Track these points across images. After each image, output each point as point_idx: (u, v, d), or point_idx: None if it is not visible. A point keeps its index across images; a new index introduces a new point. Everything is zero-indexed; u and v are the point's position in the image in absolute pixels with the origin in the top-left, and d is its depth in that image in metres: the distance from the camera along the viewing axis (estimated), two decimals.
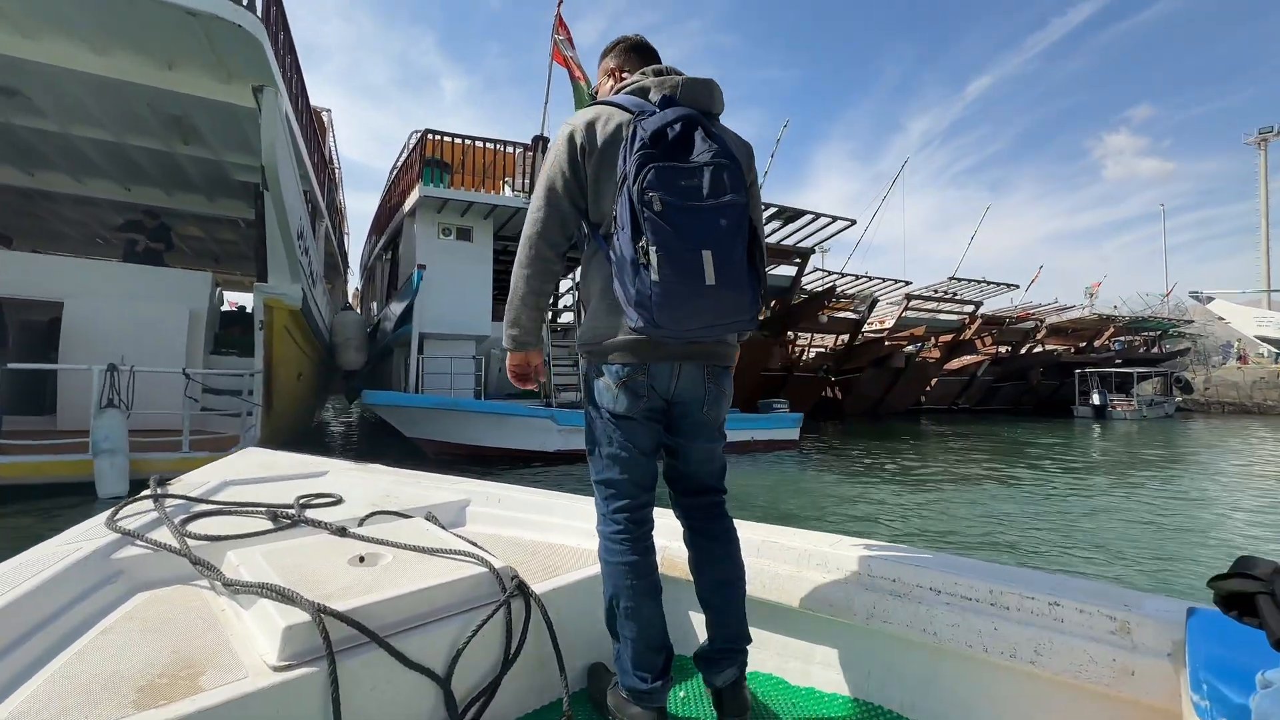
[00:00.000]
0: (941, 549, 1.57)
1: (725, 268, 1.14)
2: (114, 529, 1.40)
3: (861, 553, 1.44)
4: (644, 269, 1.12)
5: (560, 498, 1.98)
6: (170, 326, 8.35)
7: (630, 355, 1.26)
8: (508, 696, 1.28)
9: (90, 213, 11.91)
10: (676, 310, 1.14)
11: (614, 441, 1.30)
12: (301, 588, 1.10)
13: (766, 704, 1.41)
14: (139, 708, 0.87)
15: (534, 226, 1.30)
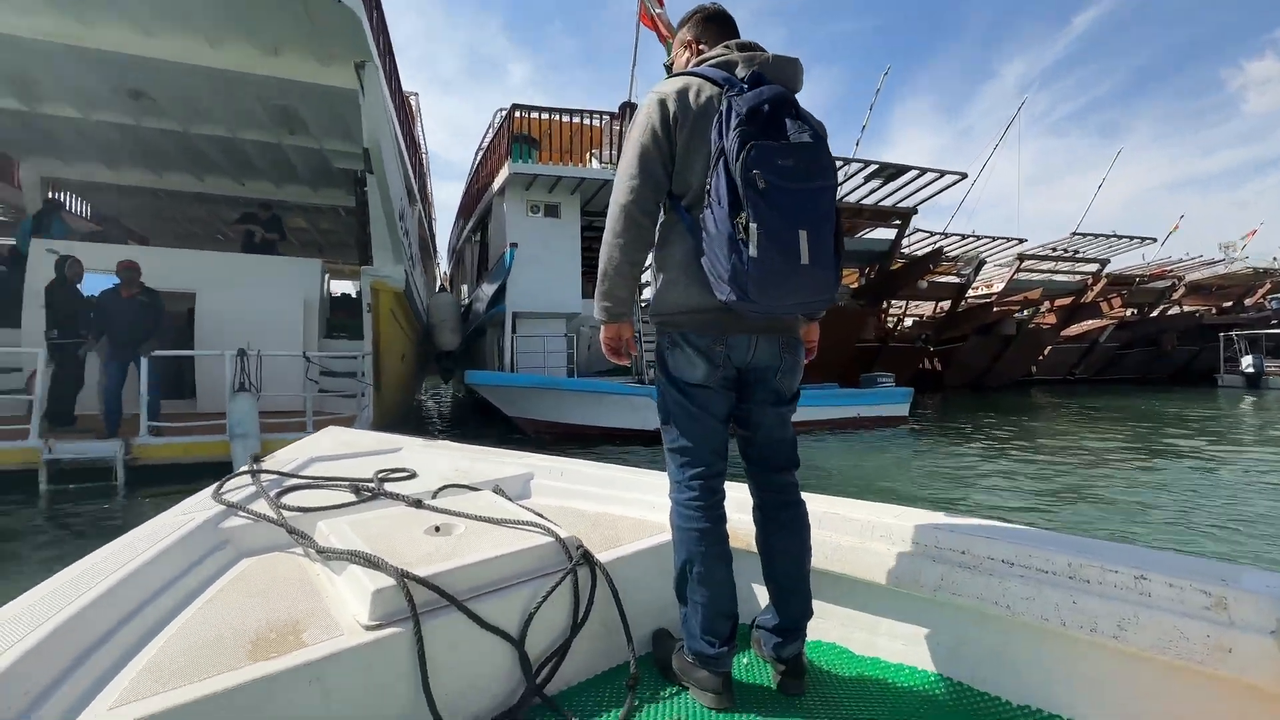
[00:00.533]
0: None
1: (817, 249, 1.17)
2: (219, 501, 1.57)
3: (928, 524, 1.42)
4: (742, 245, 1.14)
5: (620, 471, 2.04)
6: (288, 312, 8.72)
7: (710, 327, 1.29)
8: (577, 659, 1.35)
9: (211, 210, 12.72)
10: (772, 287, 1.16)
11: (688, 411, 1.33)
12: (385, 555, 1.20)
13: (830, 672, 1.43)
14: (254, 659, 0.98)
15: (627, 194, 1.28)
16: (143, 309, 6.41)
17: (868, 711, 1.28)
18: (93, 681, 0.93)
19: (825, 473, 7.55)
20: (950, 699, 1.31)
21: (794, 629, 1.35)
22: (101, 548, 1.27)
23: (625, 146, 1.35)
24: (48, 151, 9.65)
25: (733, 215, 1.15)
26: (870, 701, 1.31)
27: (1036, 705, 1.24)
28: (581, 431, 9.30)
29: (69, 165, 9.99)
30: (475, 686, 1.20)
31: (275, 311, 8.61)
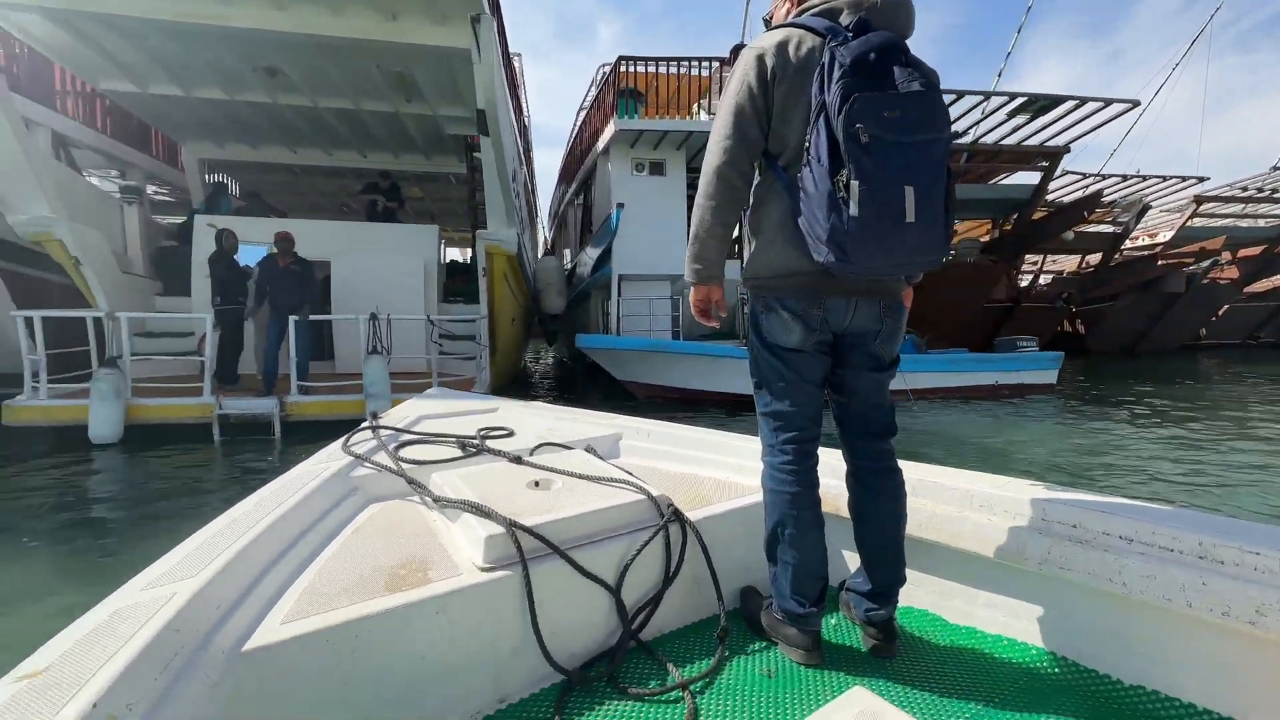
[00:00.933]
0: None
1: (925, 206, 1.12)
2: (348, 453, 1.77)
3: (1033, 496, 1.38)
4: (842, 204, 1.11)
5: (705, 433, 2.09)
6: (410, 277, 9.10)
7: (807, 290, 1.27)
8: (669, 609, 1.43)
9: (339, 183, 13.54)
10: (873, 247, 1.12)
11: (782, 375, 1.33)
12: (493, 505, 1.32)
13: (921, 639, 1.43)
14: (390, 590, 1.15)
15: (721, 156, 1.28)
16: (297, 277, 6.92)
17: (961, 678, 1.27)
18: (264, 602, 1.10)
19: (957, 444, 6.85)
20: (1054, 672, 1.28)
21: (885, 594, 1.35)
22: (256, 492, 1.48)
23: (720, 105, 1.31)
24: (202, 135, 10.61)
25: (833, 173, 1.12)
26: (964, 669, 1.30)
27: (1152, 686, 1.19)
28: (693, 396, 9.08)
29: (220, 147, 10.96)
30: (577, 627, 1.31)
31: (399, 277, 9.04)
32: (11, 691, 0.72)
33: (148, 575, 1.04)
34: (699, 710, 1.18)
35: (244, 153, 11.15)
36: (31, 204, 6.60)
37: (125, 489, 4.89)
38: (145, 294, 8.66)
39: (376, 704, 1.06)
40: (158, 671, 0.83)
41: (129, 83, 8.62)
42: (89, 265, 7.17)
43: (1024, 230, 14.93)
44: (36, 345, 6.12)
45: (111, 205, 9.03)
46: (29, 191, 6.52)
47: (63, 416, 6.09)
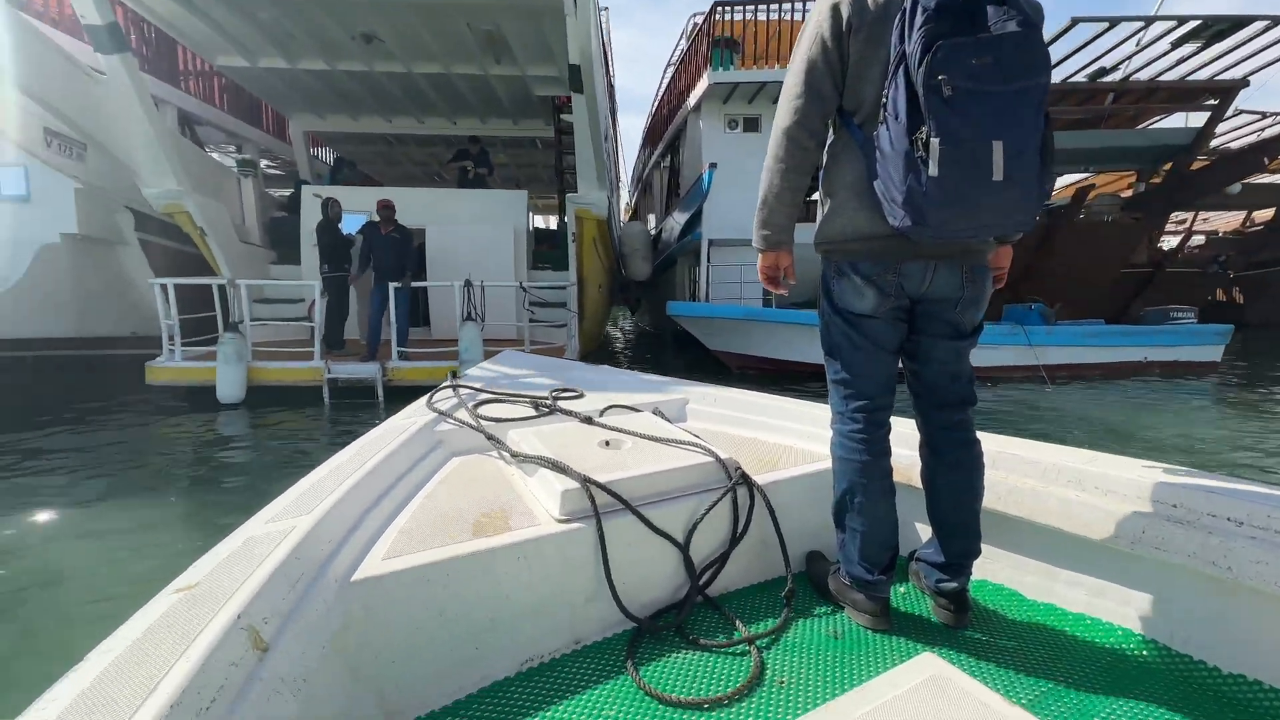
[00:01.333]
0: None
1: (1016, 161, 1.03)
2: (432, 409, 1.92)
3: (1129, 473, 1.30)
4: (920, 164, 1.04)
5: (771, 399, 2.11)
6: (501, 243, 9.09)
7: (881, 254, 1.23)
8: (736, 568, 1.48)
9: (430, 151, 13.81)
10: (953, 210, 1.06)
11: (853, 342, 1.31)
12: (567, 462, 1.41)
13: (995, 613, 1.40)
14: (476, 535, 1.25)
15: (791, 116, 1.24)
16: (398, 244, 7.09)
17: (1038, 653, 1.25)
18: (367, 539, 1.22)
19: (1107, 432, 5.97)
20: (1141, 655, 1.23)
21: (958, 565, 1.33)
22: (353, 443, 1.62)
23: (792, 59, 1.26)
24: (306, 107, 11.04)
25: (911, 130, 1.05)
26: (1041, 644, 1.28)
27: (1255, 676, 1.12)
28: (789, 368, 8.57)
29: (322, 118, 11.38)
30: (647, 580, 1.37)
31: (490, 244, 9.11)
32: (171, 601, 0.86)
33: (270, 510, 1.19)
34: (765, 664, 1.22)
35: (344, 123, 11.55)
36: (163, 178, 7.03)
37: (248, 447, 5.22)
38: (261, 263, 9.20)
39: (466, 634, 1.17)
40: (285, 591, 0.96)
41: (240, 58, 9.08)
42: (213, 235, 7.63)
43: (1178, 182, 12.80)
44: (171, 311, 6.59)
45: (230, 178, 9.60)
46: (160, 166, 6.94)
47: (194, 377, 6.57)
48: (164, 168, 6.97)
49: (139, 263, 8.82)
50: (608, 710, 1.10)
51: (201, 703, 0.72)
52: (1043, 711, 1.08)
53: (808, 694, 1.14)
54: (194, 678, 0.73)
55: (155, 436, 5.60)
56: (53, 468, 4.59)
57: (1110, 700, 1.11)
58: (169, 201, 7.23)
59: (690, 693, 1.14)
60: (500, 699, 1.14)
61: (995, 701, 0.80)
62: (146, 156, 6.87)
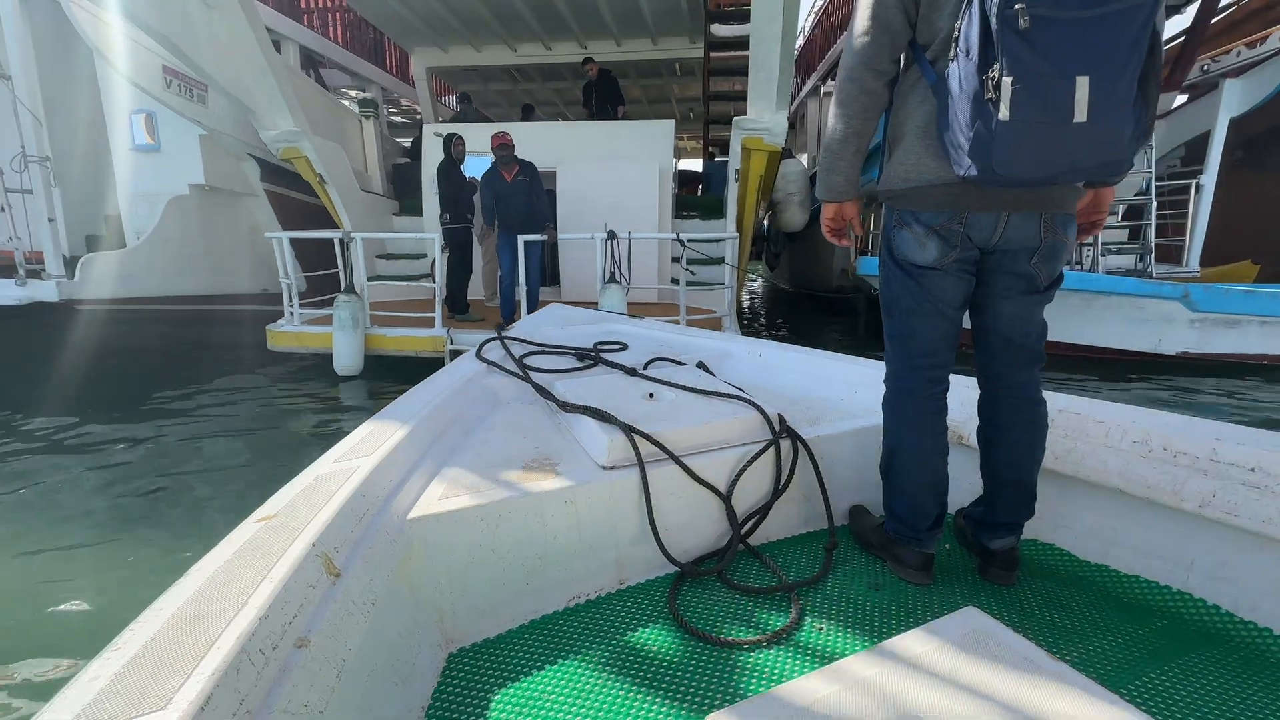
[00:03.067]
0: None
1: (1103, 98, 0.93)
2: (482, 360, 2.01)
3: (1201, 434, 1.24)
4: (990, 106, 0.96)
5: (817, 355, 2.08)
6: (645, 186, 7.56)
7: (946, 204, 1.16)
8: (777, 519, 1.50)
9: (555, 87, 12.49)
10: (1024, 159, 0.97)
11: (914, 295, 1.25)
12: (612, 412, 1.45)
13: (1045, 570, 1.38)
14: (524, 481, 1.30)
15: (857, 56, 1.17)
16: (526, 188, 5.85)
17: (1087, 613, 1.23)
18: (425, 480, 1.30)
19: None
20: (1200, 619, 1.20)
21: (1009, 525, 1.30)
22: (406, 393, 1.68)
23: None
24: (429, 39, 10.00)
25: (982, 70, 0.97)
26: (1091, 604, 1.26)
27: None
28: (1093, 354, 6.23)
29: (445, 51, 10.35)
30: (690, 527, 1.41)
31: (632, 185, 7.57)
32: (255, 530, 0.94)
33: (336, 451, 1.27)
34: (805, 612, 1.23)
35: (467, 56, 10.36)
36: (278, 116, 6.29)
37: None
38: (384, 213, 8.33)
39: (517, 571, 1.24)
40: (352, 525, 1.03)
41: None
42: (333, 183, 6.87)
43: None
44: (288, 267, 5.89)
45: (351, 120, 8.89)
46: (276, 104, 6.18)
47: (313, 343, 5.86)
48: (280, 105, 6.20)
49: (267, 215, 8.44)
50: (650, 645, 1.14)
51: (286, 617, 0.79)
52: (1088, 669, 1.06)
53: (846, 642, 1.15)
54: (278, 595, 0.79)
55: (274, 412, 4.99)
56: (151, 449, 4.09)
57: (1160, 662, 1.09)
58: (286, 144, 6.51)
59: (730, 635, 1.16)
60: (549, 631, 1.19)
61: (1039, 657, 0.79)
62: (262, 93, 6.11)
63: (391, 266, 7.72)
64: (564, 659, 1.11)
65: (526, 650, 1.14)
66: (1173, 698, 1.01)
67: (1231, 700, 1.00)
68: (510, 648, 1.15)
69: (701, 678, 1.06)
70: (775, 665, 1.08)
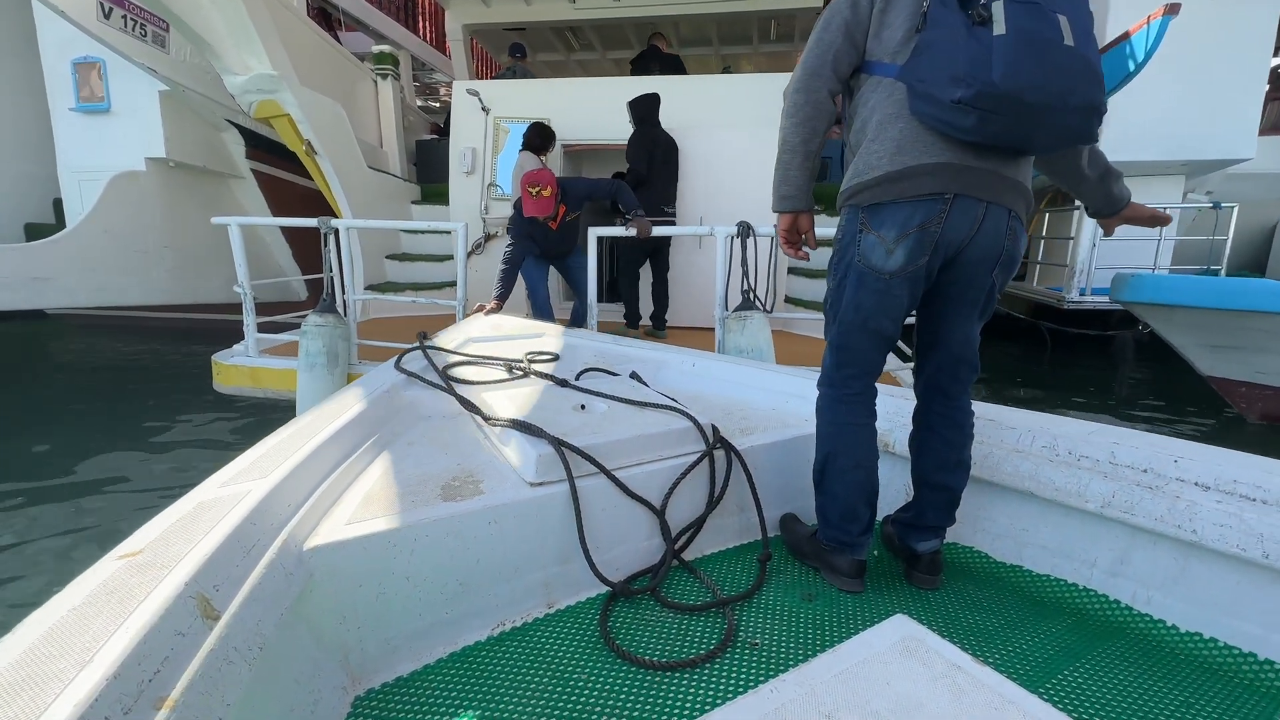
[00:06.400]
0: None
1: (1081, 35, 1.00)
2: (401, 371, 1.86)
3: (1100, 438, 1.33)
4: (980, 29, 0.99)
5: (749, 365, 2.11)
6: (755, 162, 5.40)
7: (926, 189, 1.11)
8: (711, 532, 1.48)
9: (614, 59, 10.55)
10: (1025, 66, 0.96)
11: (869, 304, 1.23)
12: (541, 426, 1.38)
13: (967, 574, 1.43)
14: (445, 500, 1.21)
15: (806, 69, 1.21)
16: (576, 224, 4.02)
17: (1006, 614, 1.28)
18: (329, 504, 1.18)
19: None
20: (1104, 615, 1.27)
21: (935, 529, 1.33)
22: (313, 408, 1.52)
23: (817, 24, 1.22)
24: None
25: (965, 7, 1.01)
26: (1009, 606, 1.31)
27: (1211, 634, 1.17)
28: None
29: (489, 6, 8.51)
30: (622, 544, 1.36)
31: (755, 162, 5.39)
32: (112, 569, 0.80)
33: (222, 475, 1.11)
34: (739, 626, 1.21)
35: (515, 11, 8.58)
36: (249, 56, 4.46)
37: None
38: (400, 201, 6.35)
39: (436, 599, 1.14)
40: (239, 558, 0.90)
41: None
42: (326, 153, 5.02)
43: None
44: (241, 270, 4.00)
45: (364, 81, 7.10)
46: (246, 38, 4.35)
47: (276, 385, 3.95)
48: (249, 38, 4.37)
49: (255, 203, 6.69)
50: (579, 673, 1.08)
51: (144, 674, 0.67)
52: (1009, 670, 1.11)
53: (780, 656, 1.14)
54: (136, 647, 0.68)
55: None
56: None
57: (1072, 658, 1.15)
58: (260, 96, 4.68)
59: (662, 655, 1.13)
60: (470, 663, 1.11)
61: (965, 662, 0.81)
62: (223, 17, 4.31)
63: (405, 271, 5.85)
64: (487, 693, 1.04)
65: (445, 686, 1.06)
66: (1084, 693, 1.07)
67: (1134, 691, 1.07)
68: (427, 685, 1.06)
69: (635, 705, 1.02)
70: (710, 687, 1.06)
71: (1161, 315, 4.24)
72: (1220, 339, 4.19)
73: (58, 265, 4.95)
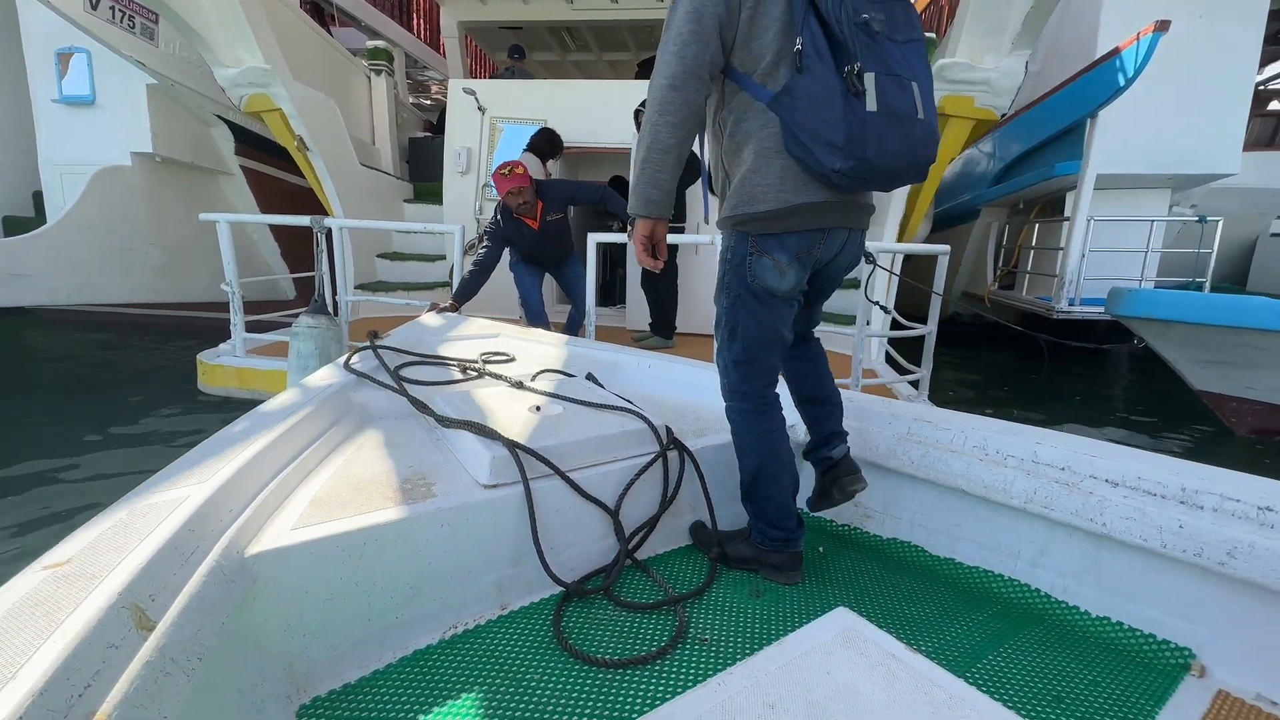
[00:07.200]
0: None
1: (927, 102, 1.14)
2: (350, 372, 1.80)
3: (1026, 440, 1.42)
4: (857, 99, 1.07)
5: (702, 365, 2.14)
6: None
7: (811, 223, 1.22)
8: (665, 532, 1.50)
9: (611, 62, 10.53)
10: (891, 145, 1.10)
11: (770, 320, 1.31)
12: (496, 428, 1.37)
13: (905, 568, 1.51)
14: (396, 503, 1.18)
15: (682, 63, 1.14)
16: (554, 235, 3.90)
17: (939, 604, 1.36)
18: (272, 509, 1.14)
19: None
20: (1026, 603, 1.36)
21: (837, 433, 1.49)
22: (256, 408, 1.45)
23: (672, 13, 1.17)
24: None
25: (839, 68, 1.08)
26: (942, 596, 1.39)
27: (1118, 619, 1.26)
28: None
29: (484, 3, 8.45)
30: (576, 545, 1.36)
31: None
32: (37, 580, 0.76)
33: (160, 479, 1.07)
34: (689, 623, 1.24)
35: (510, 10, 8.53)
36: (240, 47, 4.38)
37: None
38: (392, 199, 6.24)
39: (386, 604, 1.12)
40: (177, 567, 0.87)
41: None
42: (318, 149, 4.94)
43: None
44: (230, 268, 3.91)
45: (356, 76, 7.00)
46: (238, 29, 4.27)
47: (262, 385, 3.88)
48: (242, 30, 4.29)
49: (244, 200, 6.57)
50: (531, 673, 1.09)
51: (73, 689, 0.64)
52: (939, 657, 1.17)
53: (729, 651, 1.17)
54: (64, 662, 0.65)
55: None
56: None
57: (996, 644, 1.23)
58: (251, 90, 4.60)
59: (615, 653, 1.14)
60: (421, 667, 1.10)
61: (899, 650, 0.86)
62: (218, 12, 4.23)
63: (396, 270, 5.77)
64: (437, 697, 1.03)
65: (394, 692, 1.04)
66: (1006, 675, 1.15)
67: (1049, 672, 1.16)
68: (375, 691, 1.04)
69: (588, 704, 1.02)
70: (661, 682, 1.08)
71: (1157, 330, 4.27)
72: (1213, 354, 4.24)
73: (39, 262, 4.80)
